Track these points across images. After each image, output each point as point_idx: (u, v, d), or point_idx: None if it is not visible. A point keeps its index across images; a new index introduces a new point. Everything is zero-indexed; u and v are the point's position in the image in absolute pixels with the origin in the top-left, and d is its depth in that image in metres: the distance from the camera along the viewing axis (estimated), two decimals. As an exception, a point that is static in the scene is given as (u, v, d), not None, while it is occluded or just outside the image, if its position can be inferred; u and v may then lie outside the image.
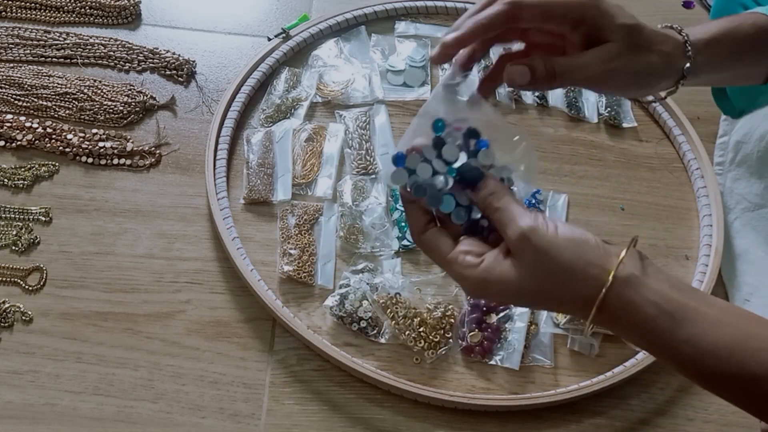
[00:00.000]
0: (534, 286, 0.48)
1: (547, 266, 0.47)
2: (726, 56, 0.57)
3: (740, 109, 0.65)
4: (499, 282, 0.48)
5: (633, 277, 0.46)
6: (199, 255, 0.76)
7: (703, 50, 0.56)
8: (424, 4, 0.98)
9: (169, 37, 0.93)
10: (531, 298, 0.49)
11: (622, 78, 0.53)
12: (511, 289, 0.48)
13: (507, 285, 0.48)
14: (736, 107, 0.65)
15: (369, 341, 0.72)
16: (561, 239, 0.47)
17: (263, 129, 0.85)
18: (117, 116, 0.85)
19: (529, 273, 0.47)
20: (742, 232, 0.84)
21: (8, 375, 0.67)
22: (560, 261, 0.47)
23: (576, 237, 0.48)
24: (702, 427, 0.72)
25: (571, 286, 0.47)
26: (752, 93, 0.63)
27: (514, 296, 0.49)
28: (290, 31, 0.92)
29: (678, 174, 0.89)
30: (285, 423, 0.68)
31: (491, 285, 0.48)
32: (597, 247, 0.48)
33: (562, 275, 0.47)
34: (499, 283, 0.48)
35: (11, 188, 0.78)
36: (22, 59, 0.88)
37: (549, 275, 0.47)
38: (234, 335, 0.72)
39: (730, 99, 0.65)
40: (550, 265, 0.47)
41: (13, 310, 0.70)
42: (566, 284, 0.47)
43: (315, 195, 0.81)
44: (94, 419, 0.66)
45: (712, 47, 0.57)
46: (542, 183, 0.85)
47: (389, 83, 0.91)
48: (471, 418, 0.70)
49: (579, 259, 0.47)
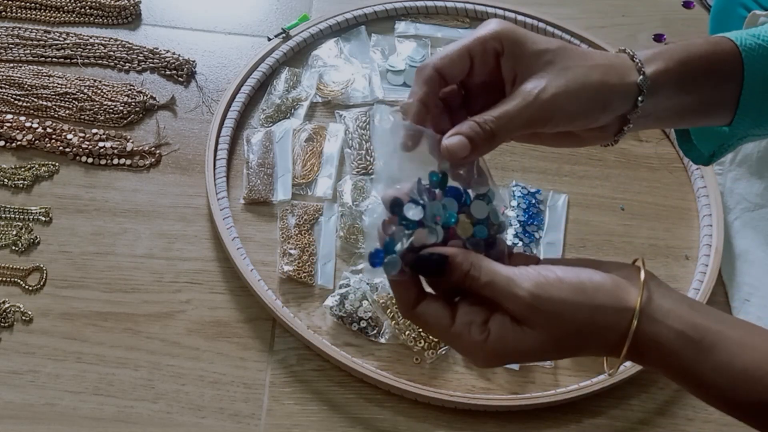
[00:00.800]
0: (555, 345, 0.44)
1: (564, 327, 0.44)
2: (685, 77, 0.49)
3: (708, 154, 0.56)
4: (516, 350, 0.44)
5: (653, 309, 0.44)
6: (199, 255, 0.76)
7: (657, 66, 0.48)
8: (424, 4, 0.98)
9: (169, 37, 0.93)
10: (553, 356, 0.47)
11: (566, 106, 0.46)
12: (531, 353, 0.45)
13: (525, 350, 0.45)
14: (704, 153, 0.56)
15: (369, 341, 0.72)
16: (570, 292, 0.44)
17: (263, 129, 0.85)
18: (117, 116, 0.85)
19: (547, 335, 0.44)
20: (742, 232, 0.84)
21: (8, 375, 0.67)
22: (577, 319, 0.44)
23: (584, 282, 0.44)
24: (702, 427, 0.72)
25: (594, 337, 0.44)
26: (717, 135, 0.55)
27: (535, 358, 0.46)
28: (290, 31, 0.92)
29: (678, 174, 0.89)
30: (285, 423, 0.68)
31: (508, 355, 0.45)
32: (610, 289, 0.44)
33: (583, 330, 0.44)
34: (515, 351, 0.45)
35: (11, 188, 0.78)
36: (22, 59, 0.88)
37: (569, 334, 0.44)
38: (234, 335, 0.72)
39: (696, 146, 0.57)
40: (568, 326, 0.44)
41: (13, 310, 0.70)
42: (589, 337, 0.44)
43: (315, 195, 0.81)
44: (94, 419, 0.66)
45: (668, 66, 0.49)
46: (542, 183, 0.85)
47: (389, 83, 0.91)
48: (471, 418, 0.70)
49: (596, 310, 0.44)
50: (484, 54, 0.47)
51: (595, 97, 0.47)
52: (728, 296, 0.80)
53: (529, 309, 0.43)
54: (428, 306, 0.46)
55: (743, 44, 0.49)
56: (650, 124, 0.52)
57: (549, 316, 0.43)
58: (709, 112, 0.51)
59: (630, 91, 0.47)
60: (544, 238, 0.81)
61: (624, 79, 0.47)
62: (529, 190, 0.84)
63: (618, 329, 0.44)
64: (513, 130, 0.46)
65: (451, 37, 0.96)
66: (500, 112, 0.46)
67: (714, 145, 0.55)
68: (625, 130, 0.50)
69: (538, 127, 0.47)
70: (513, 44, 0.47)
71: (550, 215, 0.83)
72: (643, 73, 0.47)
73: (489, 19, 0.49)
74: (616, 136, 0.51)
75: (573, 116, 0.47)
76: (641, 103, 0.48)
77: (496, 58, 0.48)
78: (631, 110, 0.48)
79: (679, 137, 0.59)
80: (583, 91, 0.46)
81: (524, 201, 0.83)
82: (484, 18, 0.99)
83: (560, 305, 0.43)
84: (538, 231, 0.82)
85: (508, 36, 0.47)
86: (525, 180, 0.85)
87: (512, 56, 0.47)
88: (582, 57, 0.48)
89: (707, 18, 1.00)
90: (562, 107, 0.46)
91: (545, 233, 0.82)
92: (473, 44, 0.47)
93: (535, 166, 0.87)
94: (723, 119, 0.52)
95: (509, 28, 0.47)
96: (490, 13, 0.98)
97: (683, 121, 0.53)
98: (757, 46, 0.49)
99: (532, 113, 0.46)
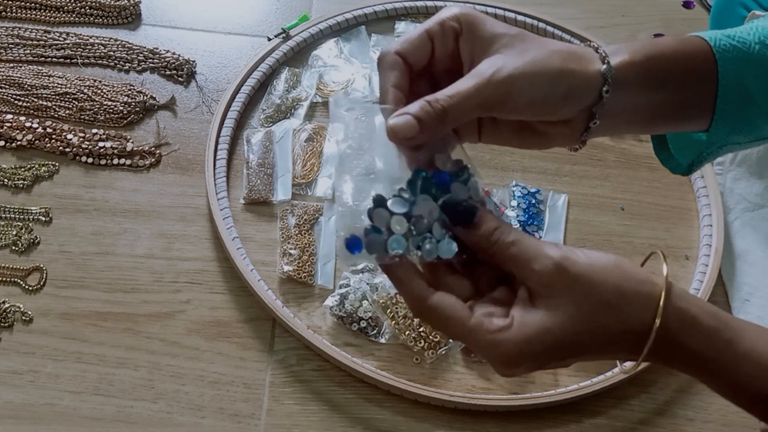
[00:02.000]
0: (583, 324, 0.42)
1: (593, 295, 0.41)
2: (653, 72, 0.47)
3: (686, 163, 0.54)
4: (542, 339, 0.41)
5: (682, 291, 0.42)
6: (199, 255, 0.76)
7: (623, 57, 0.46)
8: (424, 4, 0.98)
9: (169, 37, 0.93)
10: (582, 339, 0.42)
11: (523, 89, 0.44)
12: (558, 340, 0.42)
13: (549, 336, 0.41)
14: (683, 163, 0.54)
15: (369, 341, 0.72)
16: (597, 262, 0.42)
17: (263, 129, 0.85)
18: (117, 116, 0.85)
19: (575, 309, 0.41)
20: (742, 232, 0.84)
21: (8, 375, 0.67)
22: (606, 285, 0.42)
23: (610, 258, 0.43)
24: (702, 427, 0.72)
25: (623, 310, 0.42)
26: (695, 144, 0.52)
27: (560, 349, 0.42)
28: (290, 31, 0.92)
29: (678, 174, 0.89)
30: (285, 423, 0.68)
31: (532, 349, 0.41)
32: (634, 265, 0.43)
33: (613, 300, 0.42)
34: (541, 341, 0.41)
35: (11, 188, 0.78)
36: (22, 59, 0.88)
37: (598, 304, 0.42)
38: (234, 335, 0.72)
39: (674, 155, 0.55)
40: (597, 293, 0.41)
41: (13, 310, 0.70)
42: (618, 309, 0.42)
43: (315, 195, 0.81)
44: (94, 419, 0.66)
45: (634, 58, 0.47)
46: (542, 183, 0.85)
47: (389, 83, 0.91)
48: (471, 418, 0.70)
49: (625, 279, 0.42)
50: (444, 36, 0.46)
51: (555, 82, 0.44)
52: (728, 296, 0.80)
53: (556, 271, 0.41)
54: (443, 297, 0.43)
55: (717, 45, 0.47)
56: (622, 127, 0.49)
57: (578, 279, 0.41)
58: (684, 115, 0.49)
59: (593, 80, 0.45)
60: (544, 238, 0.81)
61: (586, 66, 0.45)
62: (529, 190, 0.84)
63: (648, 303, 0.42)
64: (467, 110, 0.44)
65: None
66: (453, 91, 0.43)
67: (692, 154, 0.52)
68: (591, 127, 0.47)
69: (495, 110, 0.45)
70: (471, 25, 0.46)
71: (550, 215, 0.83)
72: (608, 62, 0.45)
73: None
74: (582, 135, 0.48)
75: (531, 101, 0.44)
76: (606, 94, 0.45)
77: (456, 40, 0.46)
78: (596, 103, 0.46)
79: (656, 146, 0.56)
80: (541, 75, 0.44)
81: (524, 201, 0.83)
82: (484, 18, 0.99)
83: (590, 269, 0.42)
84: (538, 231, 0.82)
85: (466, 18, 0.46)
86: (525, 180, 0.85)
87: (470, 37, 0.46)
88: (542, 43, 0.46)
89: (707, 18, 1.00)
90: (518, 89, 0.44)
91: (545, 233, 0.82)
92: (432, 26, 0.46)
93: (535, 166, 0.87)
94: (700, 124, 0.49)
95: (468, 11, 0.46)
96: (490, 13, 0.98)
97: (658, 124, 0.50)
98: (731, 47, 0.47)
99: (487, 93, 0.43)
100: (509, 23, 0.98)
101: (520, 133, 0.49)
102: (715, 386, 0.44)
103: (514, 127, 0.48)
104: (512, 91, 0.44)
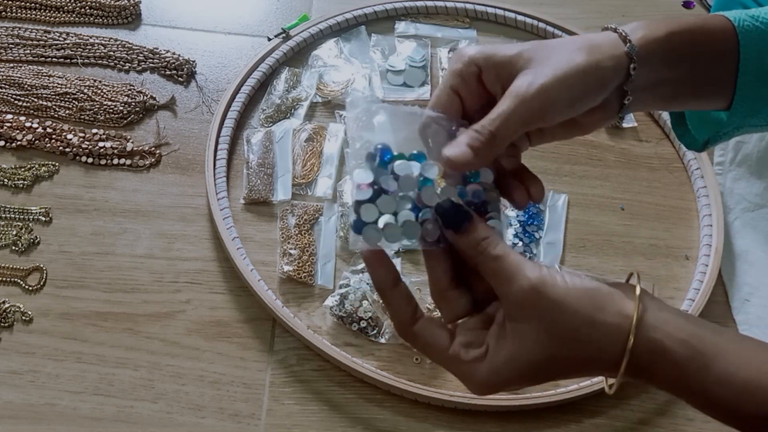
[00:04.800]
0: (552, 350, 0.43)
1: (563, 323, 0.42)
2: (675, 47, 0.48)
3: (702, 141, 0.55)
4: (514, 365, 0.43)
5: (654, 317, 0.43)
6: (199, 255, 0.76)
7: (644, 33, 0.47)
8: (424, 4, 0.98)
9: (169, 37, 0.93)
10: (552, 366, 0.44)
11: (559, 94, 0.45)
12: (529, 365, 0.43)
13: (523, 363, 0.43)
14: (698, 139, 0.55)
15: (369, 341, 0.72)
16: (573, 290, 0.43)
17: (263, 129, 0.85)
18: (117, 116, 0.85)
19: (545, 334, 0.42)
20: (742, 232, 0.84)
21: (8, 375, 0.67)
22: (578, 314, 0.42)
23: (587, 287, 0.43)
24: (702, 427, 0.72)
25: (593, 341, 0.42)
26: (713, 122, 0.53)
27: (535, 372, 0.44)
28: (290, 31, 0.92)
29: (678, 174, 0.89)
30: (285, 423, 0.68)
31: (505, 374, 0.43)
32: (611, 294, 0.43)
33: (583, 330, 0.42)
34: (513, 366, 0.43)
35: (11, 188, 0.78)
36: (22, 59, 0.88)
37: (567, 332, 0.42)
38: (234, 335, 0.72)
39: (690, 131, 0.56)
40: (567, 322, 0.42)
41: (13, 310, 0.70)
42: (588, 340, 0.42)
43: (315, 195, 0.81)
44: (94, 419, 0.66)
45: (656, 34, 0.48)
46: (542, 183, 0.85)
47: (389, 83, 0.91)
48: (471, 418, 0.70)
49: (597, 310, 0.42)
50: (467, 84, 0.48)
51: (586, 78, 0.46)
52: (728, 296, 0.80)
53: (531, 292, 0.42)
54: (426, 326, 0.45)
55: (740, 24, 0.48)
56: (650, 104, 0.51)
57: (552, 304, 0.42)
58: (707, 92, 0.50)
59: (620, 63, 0.46)
60: (544, 238, 0.81)
61: (610, 52, 0.46)
62: (529, 190, 0.84)
63: (620, 333, 0.42)
64: (513, 129, 0.45)
65: (451, 37, 0.96)
66: (495, 115, 0.45)
67: (709, 131, 0.53)
68: (625, 103, 0.48)
69: (539, 122, 0.46)
70: (487, 60, 0.47)
71: (550, 215, 0.83)
72: (629, 41, 0.46)
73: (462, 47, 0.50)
74: (619, 112, 0.50)
75: (569, 103, 0.46)
76: (634, 71, 0.46)
77: (479, 81, 0.48)
78: (626, 81, 0.47)
79: (673, 120, 0.57)
80: (571, 77, 0.45)
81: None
82: (484, 18, 0.99)
83: (564, 295, 0.42)
84: (538, 231, 0.82)
85: (480, 56, 0.47)
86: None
87: (492, 71, 0.47)
88: (561, 45, 0.47)
89: (707, 18, 1.00)
90: (554, 97, 0.45)
91: (545, 233, 0.82)
92: (453, 80, 0.48)
93: (535, 166, 0.85)
94: (721, 102, 0.50)
95: (478, 49, 0.48)
96: (490, 13, 0.98)
97: (682, 99, 0.51)
98: (754, 27, 0.48)
99: (525, 109, 0.45)
100: (509, 23, 0.99)
101: (564, 127, 0.50)
102: (693, 406, 0.45)
103: (558, 125, 0.50)
104: (549, 100, 0.45)
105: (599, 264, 0.80)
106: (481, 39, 0.97)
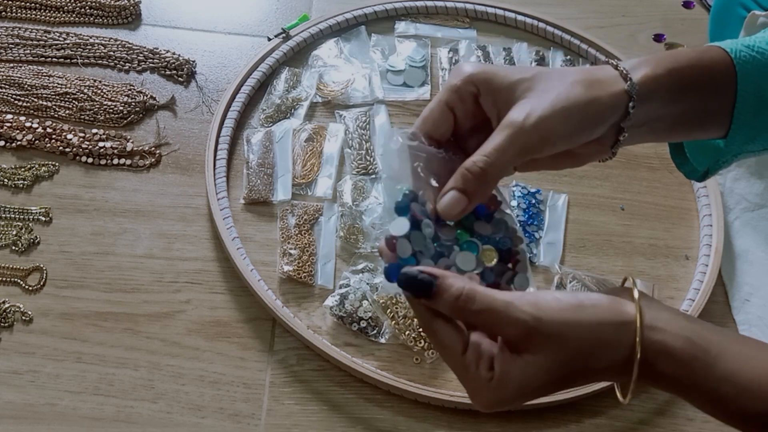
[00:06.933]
0: (561, 371, 0.43)
1: (568, 347, 0.42)
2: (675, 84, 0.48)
3: (702, 170, 0.54)
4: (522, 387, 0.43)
5: (654, 318, 0.43)
6: (199, 255, 0.76)
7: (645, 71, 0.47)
8: (424, 4, 0.98)
9: (169, 37, 0.93)
10: (562, 385, 0.44)
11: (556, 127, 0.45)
12: (538, 387, 0.43)
13: (533, 385, 0.43)
14: (698, 169, 0.55)
15: (369, 341, 0.72)
16: (569, 311, 0.43)
17: (263, 129, 0.85)
18: (117, 116, 0.85)
19: (552, 360, 0.42)
20: (742, 232, 0.84)
21: (8, 375, 0.67)
22: (580, 337, 0.42)
23: (582, 301, 0.43)
24: (702, 427, 0.72)
25: (600, 355, 0.43)
26: (711, 150, 0.52)
27: (544, 391, 0.44)
28: (290, 31, 0.92)
29: (678, 174, 0.87)
30: (285, 423, 0.68)
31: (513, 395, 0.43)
32: (608, 305, 0.44)
33: (587, 349, 0.43)
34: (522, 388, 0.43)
35: (11, 188, 0.78)
36: (22, 59, 0.88)
37: (574, 355, 0.43)
38: (234, 335, 0.72)
39: (689, 160, 0.55)
40: (572, 346, 0.42)
41: (13, 310, 0.70)
42: (595, 356, 0.43)
43: (315, 195, 0.81)
44: (94, 419, 0.66)
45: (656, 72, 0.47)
46: (542, 183, 0.85)
47: (389, 83, 0.91)
48: (471, 418, 0.70)
49: (598, 326, 0.43)
50: (462, 102, 0.47)
51: (584, 112, 0.45)
52: (728, 296, 0.80)
53: (531, 332, 0.42)
54: (444, 327, 0.44)
55: (737, 56, 0.48)
56: (645, 137, 0.50)
57: (552, 337, 0.42)
58: (703, 124, 0.50)
59: (619, 100, 0.46)
60: (544, 238, 0.81)
61: (610, 89, 0.46)
62: (529, 190, 0.84)
63: (624, 343, 0.43)
64: (507, 162, 0.45)
65: (451, 37, 0.96)
66: (490, 147, 0.45)
67: (709, 160, 0.53)
68: (620, 140, 0.48)
69: (534, 153, 0.45)
70: (487, 82, 0.46)
71: (550, 215, 0.83)
72: (630, 79, 0.46)
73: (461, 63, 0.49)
74: (613, 148, 0.50)
75: (565, 136, 0.46)
76: (632, 109, 0.46)
77: (475, 101, 0.47)
78: (623, 119, 0.47)
79: (672, 150, 0.57)
80: (569, 109, 0.45)
81: (524, 201, 0.83)
82: (484, 18, 0.99)
83: (562, 325, 0.42)
84: (538, 231, 0.82)
85: (481, 76, 0.47)
86: (525, 180, 0.85)
87: (490, 94, 0.47)
88: (561, 76, 0.46)
89: (707, 18, 1.00)
90: (551, 129, 0.45)
91: (545, 233, 0.82)
92: (449, 96, 0.47)
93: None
94: (718, 131, 0.50)
95: (479, 68, 0.47)
96: (490, 13, 0.98)
97: (678, 132, 0.51)
98: (750, 58, 0.48)
99: (522, 141, 0.44)
100: (509, 23, 0.99)
101: (555, 158, 0.49)
102: (696, 405, 0.45)
103: (549, 157, 0.49)
104: (546, 133, 0.45)
105: (599, 264, 0.80)
106: (481, 39, 0.97)
